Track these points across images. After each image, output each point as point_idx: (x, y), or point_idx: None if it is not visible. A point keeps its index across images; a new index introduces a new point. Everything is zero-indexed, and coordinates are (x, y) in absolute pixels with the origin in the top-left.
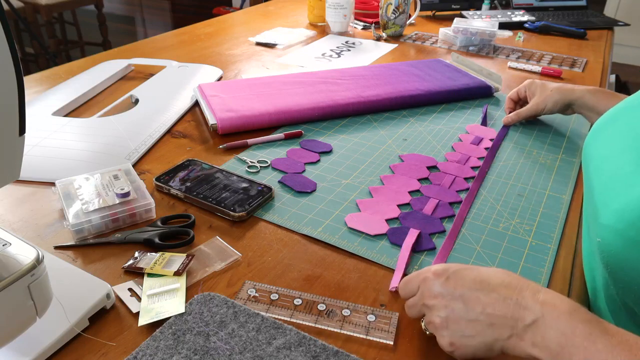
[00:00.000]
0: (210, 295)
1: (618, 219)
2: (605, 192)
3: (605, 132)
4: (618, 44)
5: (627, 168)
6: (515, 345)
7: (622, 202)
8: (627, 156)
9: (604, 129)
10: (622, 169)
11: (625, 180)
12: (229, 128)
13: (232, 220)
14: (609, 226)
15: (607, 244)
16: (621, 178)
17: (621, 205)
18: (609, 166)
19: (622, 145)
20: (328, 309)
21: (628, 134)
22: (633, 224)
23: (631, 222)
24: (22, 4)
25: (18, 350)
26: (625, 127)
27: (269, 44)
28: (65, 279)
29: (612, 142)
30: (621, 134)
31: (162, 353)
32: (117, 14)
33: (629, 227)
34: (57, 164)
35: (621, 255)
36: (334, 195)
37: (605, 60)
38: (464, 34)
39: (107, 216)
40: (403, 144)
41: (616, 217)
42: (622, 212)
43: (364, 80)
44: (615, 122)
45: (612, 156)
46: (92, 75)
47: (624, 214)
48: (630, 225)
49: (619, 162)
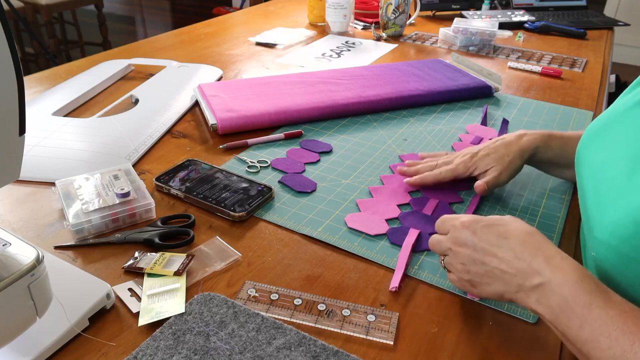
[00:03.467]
0: (210, 295)
1: (611, 234)
2: (599, 204)
3: (597, 140)
4: (618, 44)
5: (620, 178)
6: (522, 299)
7: (615, 216)
8: (621, 165)
9: (596, 136)
10: (615, 179)
11: (618, 191)
12: (229, 128)
13: (232, 220)
14: (603, 241)
15: (601, 259)
16: (614, 189)
17: (614, 218)
18: (602, 176)
19: (615, 153)
20: (328, 309)
21: (621, 142)
22: (626, 240)
23: (624, 237)
24: (22, 4)
25: (18, 350)
26: (618, 135)
27: (269, 44)
28: (65, 279)
29: (605, 150)
30: (614, 142)
31: (162, 353)
32: (117, 14)
33: (622, 243)
34: (57, 164)
35: (616, 270)
36: (334, 195)
37: (605, 60)
38: (464, 34)
39: (107, 216)
40: (403, 144)
41: (609, 231)
42: (615, 226)
43: (364, 80)
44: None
45: (605, 165)
46: (92, 75)
47: (617, 229)
48: (623, 241)
49: (613, 172)
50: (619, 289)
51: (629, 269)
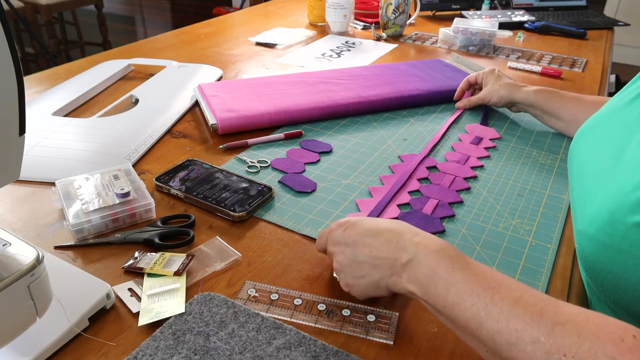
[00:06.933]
0: (210, 295)
1: (590, 224)
2: (582, 197)
3: (587, 137)
4: (618, 44)
5: (603, 172)
6: (396, 282)
7: (595, 207)
8: (605, 160)
9: (587, 133)
10: (599, 173)
11: (599, 183)
12: (229, 128)
13: (232, 220)
14: (583, 231)
15: (582, 249)
16: (596, 182)
17: (593, 209)
18: (588, 169)
19: (602, 150)
20: (328, 309)
21: (609, 139)
22: (602, 229)
23: (600, 226)
24: (22, 4)
25: (18, 350)
26: (607, 132)
27: (269, 44)
28: (65, 279)
29: (593, 147)
30: (602, 139)
31: (162, 353)
32: (117, 14)
33: (599, 232)
34: (57, 164)
35: (596, 260)
36: (334, 195)
37: (605, 60)
38: (464, 34)
39: (107, 216)
40: (403, 144)
41: (589, 222)
42: (594, 216)
43: (364, 80)
44: (598, 126)
45: (591, 161)
46: (92, 75)
47: (594, 219)
48: (599, 229)
49: (597, 166)
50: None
51: (607, 257)
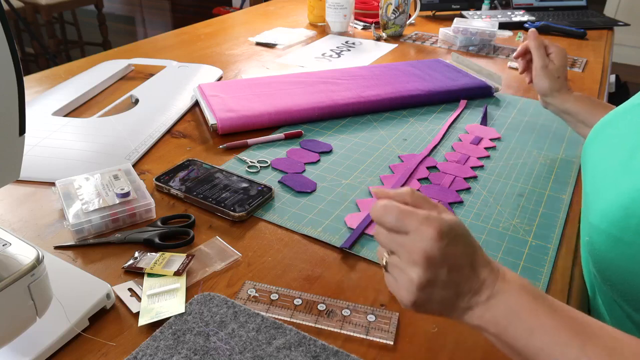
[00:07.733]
0: (210, 295)
1: (603, 218)
2: (595, 192)
3: (603, 134)
4: (618, 44)
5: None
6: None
7: (607, 201)
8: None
9: (603, 130)
10: (612, 169)
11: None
12: (229, 128)
13: (232, 220)
14: (595, 225)
15: (593, 242)
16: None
17: (606, 204)
18: (601, 166)
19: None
20: (328, 309)
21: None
22: (616, 223)
23: (614, 220)
24: (22, 4)
25: (18, 350)
26: (623, 129)
27: (269, 44)
28: (65, 279)
29: (609, 143)
30: (618, 136)
31: (162, 353)
32: (117, 14)
33: (612, 226)
34: (57, 164)
35: (607, 254)
36: (334, 195)
37: (605, 60)
38: (464, 34)
39: (107, 216)
40: (403, 144)
41: (601, 216)
42: (606, 211)
43: (364, 80)
44: (614, 124)
45: (606, 157)
46: (92, 75)
47: (608, 213)
48: (613, 223)
49: (611, 162)
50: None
51: (617, 250)
